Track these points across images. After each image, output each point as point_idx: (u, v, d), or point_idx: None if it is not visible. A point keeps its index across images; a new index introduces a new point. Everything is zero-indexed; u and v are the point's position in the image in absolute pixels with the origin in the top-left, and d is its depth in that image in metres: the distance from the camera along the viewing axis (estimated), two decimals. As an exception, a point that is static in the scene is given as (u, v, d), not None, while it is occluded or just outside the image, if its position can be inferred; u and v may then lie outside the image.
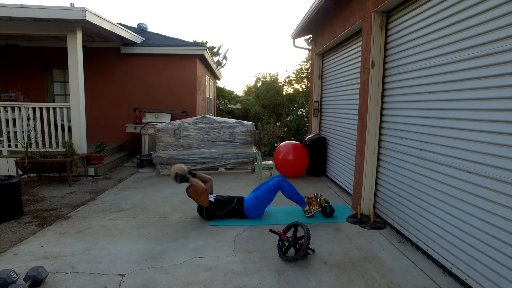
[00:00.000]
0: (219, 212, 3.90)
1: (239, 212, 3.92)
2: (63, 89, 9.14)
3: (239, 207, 3.91)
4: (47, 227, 3.69)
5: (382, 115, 3.92)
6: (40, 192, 5.20)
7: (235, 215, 3.93)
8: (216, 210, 3.90)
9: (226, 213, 3.91)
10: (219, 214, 3.90)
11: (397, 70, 3.56)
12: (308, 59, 18.58)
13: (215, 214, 3.91)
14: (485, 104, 2.31)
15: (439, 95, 2.82)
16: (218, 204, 3.92)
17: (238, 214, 3.93)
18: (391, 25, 3.72)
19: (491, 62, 2.25)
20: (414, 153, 3.18)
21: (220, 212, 3.90)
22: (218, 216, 3.91)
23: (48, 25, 5.98)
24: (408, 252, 3.07)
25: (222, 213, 3.90)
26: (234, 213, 3.92)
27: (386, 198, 3.78)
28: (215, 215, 3.91)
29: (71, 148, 5.83)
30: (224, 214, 3.91)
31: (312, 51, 7.33)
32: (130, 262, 2.88)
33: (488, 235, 2.25)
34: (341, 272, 2.72)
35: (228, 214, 3.91)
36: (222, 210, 3.90)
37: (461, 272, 2.51)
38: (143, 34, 9.65)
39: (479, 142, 2.35)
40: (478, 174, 2.34)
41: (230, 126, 6.75)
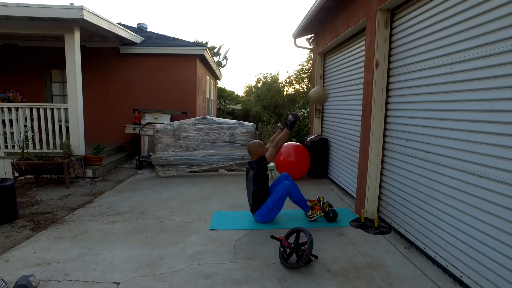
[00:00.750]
0: (260, 187, 3.81)
1: (258, 204, 3.83)
2: (62, 89, 9.04)
3: (262, 202, 3.82)
4: (41, 232, 3.59)
5: (386, 116, 3.80)
6: (37, 194, 5.10)
7: (255, 201, 3.82)
8: (264, 182, 3.83)
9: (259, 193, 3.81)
10: (258, 187, 3.81)
11: (402, 69, 3.45)
12: (309, 59, 18.48)
13: (257, 181, 3.80)
14: (498, 105, 2.19)
15: (447, 95, 2.71)
16: (266, 183, 3.88)
17: (257, 203, 3.83)
18: (396, 23, 3.61)
19: (505, 61, 2.14)
20: (421, 156, 3.07)
21: (261, 187, 3.81)
22: (255, 185, 3.80)
23: (45, 24, 5.89)
24: (415, 259, 2.96)
25: (260, 189, 3.81)
26: (257, 200, 3.82)
27: (391, 201, 3.67)
28: (256, 181, 3.80)
29: (68, 150, 5.74)
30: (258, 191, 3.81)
31: (314, 51, 7.22)
32: (126, 269, 2.77)
33: (501, 243, 2.14)
34: (345, 280, 2.60)
35: (257, 194, 3.81)
36: (263, 188, 3.82)
37: (472, 281, 2.39)
38: (143, 34, 9.56)
39: (491, 145, 2.23)
40: (491, 179, 2.23)
41: (231, 127, 6.64)
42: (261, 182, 3.80)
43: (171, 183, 5.89)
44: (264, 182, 3.83)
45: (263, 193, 3.81)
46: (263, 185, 3.82)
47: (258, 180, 3.80)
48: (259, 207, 3.83)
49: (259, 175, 3.79)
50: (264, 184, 3.83)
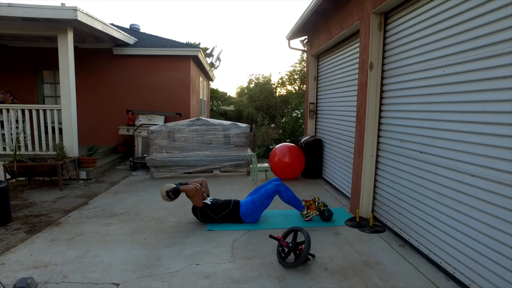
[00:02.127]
0: (215, 216, 3.81)
1: (235, 217, 3.83)
2: (54, 90, 8.94)
3: (235, 212, 3.83)
4: (36, 234, 3.55)
5: (380, 117, 3.88)
6: (30, 196, 5.04)
7: (231, 219, 3.84)
8: (212, 213, 3.81)
9: (222, 217, 3.82)
10: (215, 218, 3.82)
11: (396, 71, 3.53)
12: (302, 60, 18.60)
13: (211, 217, 3.82)
14: (489, 107, 2.27)
15: (440, 97, 2.78)
16: (215, 207, 3.83)
17: (234, 218, 3.84)
18: (389, 26, 3.69)
19: (496, 64, 2.22)
20: (414, 156, 3.14)
21: (216, 216, 3.81)
22: (214, 219, 3.82)
23: (38, 25, 5.83)
24: (409, 256, 3.02)
25: (218, 217, 3.81)
26: (230, 218, 3.84)
27: (385, 201, 3.74)
28: (211, 218, 3.82)
29: (62, 151, 5.68)
30: (220, 218, 3.82)
31: (308, 53, 7.29)
32: (125, 270, 2.77)
33: (492, 240, 2.21)
34: (342, 278, 2.65)
35: (224, 218, 3.83)
36: (218, 214, 3.81)
37: (465, 277, 2.46)
38: (136, 35, 9.51)
39: (483, 145, 2.31)
40: (483, 178, 2.30)
41: (225, 128, 6.67)
42: (214, 214, 3.80)
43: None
44: (216, 210, 3.81)
45: (226, 212, 3.81)
46: (218, 212, 3.81)
47: (211, 216, 3.82)
48: (239, 216, 3.83)
49: (207, 216, 3.82)
50: (217, 211, 3.80)
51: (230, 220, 3.85)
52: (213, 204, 3.85)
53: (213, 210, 3.81)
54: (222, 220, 3.83)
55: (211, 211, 3.80)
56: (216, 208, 3.82)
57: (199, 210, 3.80)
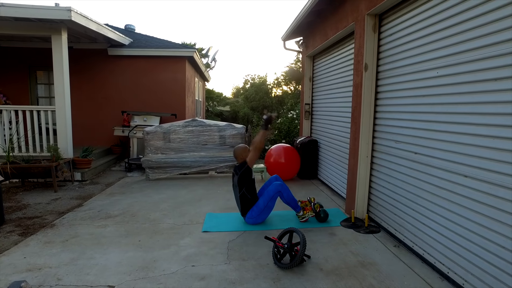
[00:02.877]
0: (246, 191, 3.81)
1: (246, 208, 3.84)
2: (48, 91, 8.87)
3: (250, 205, 3.84)
4: (30, 236, 3.53)
5: (375, 118, 3.90)
6: (23, 198, 4.99)
7: (243, 204, 3.85)
8: (249, 186, 3.82)
9: (243, 195, 3.82)
10: (244, 191, 3.82)
11: (390, 73, 3.55)
12: (297, 60, 18.64)
13: (242, 185, 3.81)
14: (482, 108, 2.30)
15: (434, 98, 2.81)
16: (253, 186, 3.86)
17: (244, 207, 3.85)
18: (384, 27, 3.71)
19: (488, 66, 2.24)
20: (409, 157, 3.16)
21: (247, 191, 3.81)
22: (241, 189, 3.82)
23: (31, 25, 5.78)
24: (404, 257, 3.04)
25: (244, 190, 3.81)
26: (244, 202, 3.84)
27: (380, 201, 3.76)
28: (242, 186, 3.81)
29: (56, 153, 5.64)
30: (243, 194, 3.82)
31: (303, 53, 7.31)
32: (120, 272, 2.76)
33: (485, 240, 2.24)
34: (338, 279, 2.66)
35: (243, 197, 3.83)
36: (248, 189, 3.81)
37: (458, 277, 2.49)
38: (131, 35, 9.47)
39: (476, 146, 2.33)
40: (476, 179, 2.33)
41: (221, 129, 6.66)
42: (246, 186, 3.82)
43: (162, 185, 5.86)
44: (250, 186, 3.84)
45: (250, 196, 3.84)
46: (248, 189, 3.83)
47: (243, 184, 3.82)
48: (248, 210, 3.85)
49: (243, 180, 3.82)
50: (249, 188, 3.84)
51: (242, 203, 3.86)
52: (254, 180, 3.89)
53: (250, 183, 3.84)
54: (242, 197, 3.84)
55: (248, 181, 3.82)
56: (251, 185, 3.85)
57: (245, 169, 3.81)
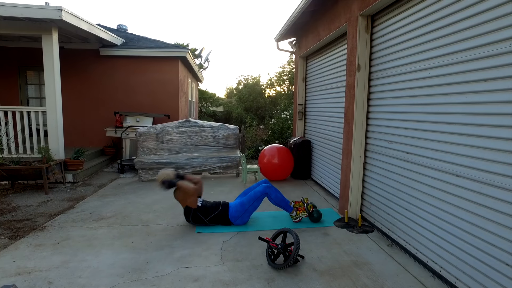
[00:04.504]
0: (204, 218, 3.79)
1: (224, 219, 3.82)
2: (38, 91, 8.75)
3: (224, 214, 3.81)
4: (20, 240, 3.46)
5: (368, 118, 3.92)
6: (13, 201, 4.91)
7: (220, 222, 3.83)
8: (202, 216, 3.78)
9: (211, 219, 3.80)
10: (205, 220, 3.79)
11: (383, 73, 3.58)
12: (290, 61, 18.68)
13: (201, 220, 3.79)
14: (472, 108, 2.33)
15: (426, 98, 2.84)
16: (204, 209, 3.80)
17: (223, 221, 3.82)
18: (376, 28, 3.74)
19: (478, 67, 2.27)
20: (402, 157, 3.19)
21: (206, 218, 3.79)
22: (203, 222, 3.80)
23: (20, 25, 5.69)
24: (397, 256, 3.07)
25: (208, 219, 3.79)
26: (219, 220, 3.82)
27: (373, 201, 3.78)
28: (201, 220, 3.79)
29: (47, 154, 5.56)
30: (209, 220, 3.80)
31: (296, 54, 7.33)
32: (113, 275, 2.72)
33: (477, 238, 2.27)
34: (331, 279, 2.67)
35: (213, 220, 3.81)
36: (207, 216, 3.79)
37: (451, 275, 2.51)
38: (123, 35, 9.39)
39: (467, 145, 2.36)
40: (467, 178, 2.36)
41: (214, 130, 6.64)
42: (204, 216, 3.78)
43: (155, 186, 5.81)
44: (206, 213, 3.78)
45: (216, 214, 3.79)
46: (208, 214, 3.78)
47: (202, 219, 3.79)
48: (228, 218, 3.82)
49: (197, 218, 3.79)
50: (207, 213, 3.78)
51: (220, 223, 3.83)
52: (203, 206, 3.82)
53: (203, 212, 3.79)
54: (212, 222, 3.81)
55: (201, 213, 3.78)
56: (206, 210, 3.80)
57: (192, 211, 3.77)
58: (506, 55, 2.05)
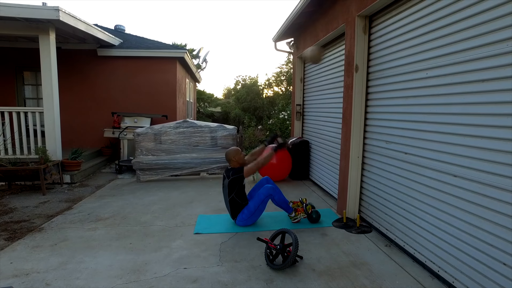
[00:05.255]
0: (236, 196, 3.80)
1: (236, 211, 3.84)
2: (36, 92, 8.72)
3: (240, 208, 3.83)
4: (17, 241, 3.45)
5: (366, 118, 3.93)
6: (10, 202, 4.88)
7: (232, 207, 3.84)
8: (240, 191, 3.81)
9: (233, 199, 3.82)
10: (233, 195, 3.81)
11: (381, 74, 3.59)
12: (288, 61, 18.70)
13: (232, 190, 3.80)
14: (470, 109, 2.34)
15: (423, 99, 2.85)
16: (243, 191, 3.85)
17: (234, 210, 3.84)
18: (374, 29, 3.75)
19: (476, 68, 2.28)
20: (400, 157, 3.20)
21: (237, 196, 3.81)
22: (231, 193, 3.81)
23: (17, 25, 5.67)
24: (395, 256, 3.07)
25: (234, 195, 3.81)
26: (234, 206, 3.83)
27: (372, 201, 3.79)
28: (232, 190, 3.80)
29: (44, 155, 5.54)
30: (232, 198, 3.81)
31: (294, 55, 7.34)
32: (111, 276, 2.72)
33: (474, 238, 2.27)
34: (330, 279, 2.67)
35: (233, 201, 3.82)
36: (237, 194, 3.81)
37: (449, 275, 2.52)
38: (121, 36, 9.38)
39: (464, 146, 2.37)
40: (464, 178, 2.36)
41: (212, 130, 6.63)
42: (236, 191, 3.81)
43: (153, 187, 5.81)
44: (240, 191, 3.82)
45: (239, 201, 3.82)
46: (238, 193, 3.82)
47: (233, 189, 3.81)
48: (238, 213, 3.84)
49: (233, 185, 3.80)
50: (239, 192, 3.82)
51: (231, 207, 3.85)
52: (244, 185, 3.87)
53: (241, 188, 3.82)
54: (231, 200, 3.83)
55: (239, 186, 3.81)
56: (241, 190, 3.83)
57: (238, 176, 3.78)
58: (503, 56, 2.06)
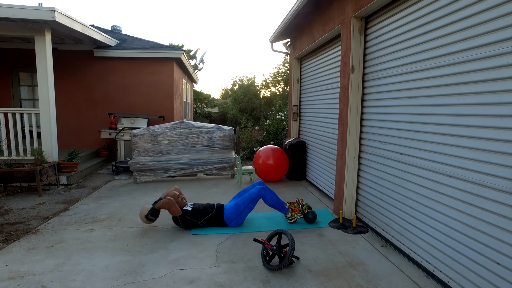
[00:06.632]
0: (197, 221, 3.78)
1: (219, 221, 3.82)
2: (31, 93, 8.67)
3: (219, 216, 3.81)
4: (13, 243, 3.43)
5: (362, 119, 3.95)
6: (6, 204, 4.86)
7: (215, 223, 3.83)
8: (194, 219, 3.77)
9: (205, 221, 3.79)
10: (198, 223, 3.79)
11: (377, 75, 3.60)
12: (285, 62, 18.73)
13: (193, 223, 3.78)
14: (464, 110, 2.36)
15: (418, 100, 2.87)
16: (197, 212, 3.80)
17: (218, 222, 3.83)
18: (370, 30, 3.77)
19: (469, 69, 2.30)
20: (395, 158, 3.22)
21: (199, 220, 3.78)
22: (197, 224, 3.79)
23: (13, 25, 5.64)
24: (391, 256, 3.09)
25: (201, 221, 3.79)
26: (214, 222, 3.82)
27: (368, 202, 3.81)
28: (193, 223, 3.78)
29: (40, 156, 5.51)
30: (203, 222, 3.79)
31: (291, 55, 7.35)
32: (107, 278, 2.71)
33: (469, 238, 2.29)
34: (326, 280, 2.68)
35: (207, 222, 3.80)
36: (201, 219, 3.78)
37: (444, 275, 2.54)
38: (118, 36, 9.35)
39: (458, 146, 2.39)
40: (459, 178, 2.38)
41: (209, 131, 6.63)
42: (197, 219, 3.76)
43: (150, 188, 5.80)
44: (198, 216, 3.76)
45: (210, 216, 3.78)
46: (200, 217, 3.76)
47: (194, 223, 3.77)
48: (222, 220, 3.82)
49: (189, 223, 3.76)
50: (199, 216, 3.76)
51: (214, 224, 3.83)
52: (194, 209, 3.82)
53: (195, 215, 3.78)
54: (206, 224, 3.80)
55: (192, 216, 3.77)
56: (199, 213, 3.79)
57: (179, 218, 3.76)
58: (497, 57, 2.08)
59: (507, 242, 2.00)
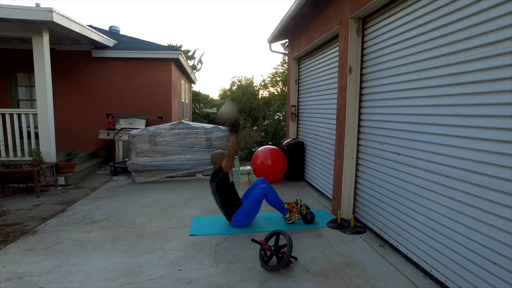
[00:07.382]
0: (223, 191, 3.79)
1: (230, 212, 3.84)
2: (29, 93, 8.65)
3: (234, 209, 3.83)
4: (10, 244, 3.42)
5: (360, 119, 3.96)
6: (3, 205, 4.84)
7: (225, 208, 3.84)
8: (226, 187, 3.79)
9: (225, 199, 3.80)
10: (224, 196, 3.80)
11: (374, 75, 3.62)
12: (283, 62, 18.74)
13: (221, 191, 3.79)
14: (460, 110, 2.37)
15: (416, 100, 2.88)
16: (231, 187, 3.84)
17: (228, 211, 3.84)
18: (367, 31, 3.78)
19: (465, 70, 2.32)
20: (393, 158, 3.23)
21: (225, 193, 3.79)
22: (221, 192, 3.79)
23: (10, 26, 5.63)
24: (389, 256, 3.10)
25: (224, 195, 3.79)
26: (227, 207, 3.83)
27: (366, 202, 3.82)
28: (221, 191, 3.79)
29: (38, 157, 5.50)
30: (224, 198, 3.80)
31: (289, 56, 7.37)
32: (105, 278, 2.71)
33: (466, 238, 2.31)
34: (324, 280, 2.69)
35: (224, 202, 3.82)
36: (228, 194, 3.80)
37: (441, 275, 2.55)
38: (116, 37, 9.34)
39: (455, 147, 2.40)
40: (456, 179, 2.40)
41: (207, 132, 6.63)
42: (225, 191, 3.81)
43: (148, 189, 5.79)
44: (229, 190, 3.82)
45: (231, 200, 3.83)
46: (228, 193, 3.82)
47: (222, 190, 3.81)
48: (233, 213, 3.85)
49: (220, 185, 3.80)
50: (229, 191, 3.82)
51: (225, 208, 3.85)
52: (232, 183, 3.86)
53: (229, 187, 3.81)
54: (223, 202, 3.82)
55: (229, 188, 3.80)
56: (231, 189, 3.82)
57: (221, 174, 3.77)
58: (494, 58, 2.09)
59: (503, 242, 2.01)
